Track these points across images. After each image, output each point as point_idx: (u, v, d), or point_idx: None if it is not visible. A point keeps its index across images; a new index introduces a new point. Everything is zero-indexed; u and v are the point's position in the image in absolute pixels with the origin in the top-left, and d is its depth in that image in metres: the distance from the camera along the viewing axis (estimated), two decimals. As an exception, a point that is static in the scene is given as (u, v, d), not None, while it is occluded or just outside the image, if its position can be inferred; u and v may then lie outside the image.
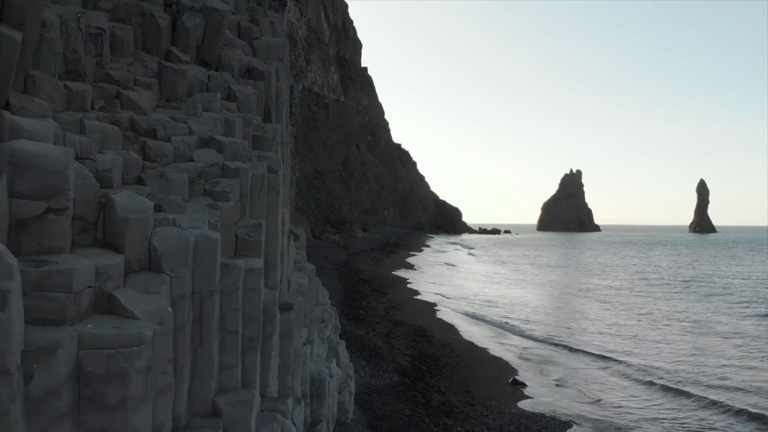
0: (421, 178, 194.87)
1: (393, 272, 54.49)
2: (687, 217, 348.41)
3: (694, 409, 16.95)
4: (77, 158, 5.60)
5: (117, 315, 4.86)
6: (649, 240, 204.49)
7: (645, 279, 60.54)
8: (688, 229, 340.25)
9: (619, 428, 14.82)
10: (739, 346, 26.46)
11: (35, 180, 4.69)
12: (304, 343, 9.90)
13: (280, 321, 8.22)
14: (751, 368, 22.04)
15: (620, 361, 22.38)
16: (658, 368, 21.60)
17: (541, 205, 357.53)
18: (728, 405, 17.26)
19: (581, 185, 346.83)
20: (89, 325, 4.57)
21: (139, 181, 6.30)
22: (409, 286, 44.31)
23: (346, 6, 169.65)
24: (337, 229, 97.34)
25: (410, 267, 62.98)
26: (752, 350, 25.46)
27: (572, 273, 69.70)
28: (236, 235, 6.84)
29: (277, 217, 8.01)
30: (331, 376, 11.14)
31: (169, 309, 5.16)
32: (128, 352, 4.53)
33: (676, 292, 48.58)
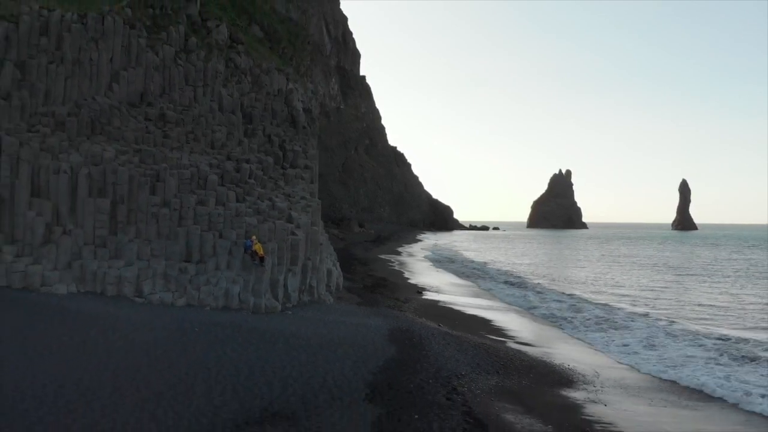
0: (415, 178, 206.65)
1: (379, 256, 74.70)
2: (673, 215, 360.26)
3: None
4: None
5: (294, 235, 25.95)
6: (622, 236, 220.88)
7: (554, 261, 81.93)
8: (671, 227, 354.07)
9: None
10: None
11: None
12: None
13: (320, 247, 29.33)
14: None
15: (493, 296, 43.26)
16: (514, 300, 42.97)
17: (531, 203, 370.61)
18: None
19: (570, 185, 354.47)
20: (296, 235, 25.75)
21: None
22: (389, 264, 64.68)
23: (345, 19, 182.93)
24: (337, 225, 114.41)
25: (397, 254, 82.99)
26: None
27: (516, 256, 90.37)
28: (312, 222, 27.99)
29: (319, 217, 29.26)
30: (334, 270, 32.35)
31: (305, 235, 26.31)
32: (299, 240, 25.69)
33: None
